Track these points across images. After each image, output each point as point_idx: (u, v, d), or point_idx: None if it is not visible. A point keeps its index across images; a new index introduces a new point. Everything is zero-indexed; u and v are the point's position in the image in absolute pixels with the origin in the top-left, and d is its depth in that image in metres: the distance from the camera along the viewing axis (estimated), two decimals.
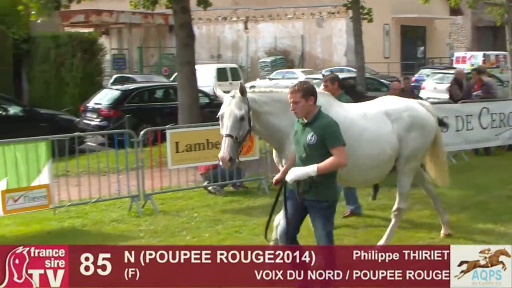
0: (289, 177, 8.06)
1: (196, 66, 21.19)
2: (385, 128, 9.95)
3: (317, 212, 8.19)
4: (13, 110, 22.96)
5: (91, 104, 25.23)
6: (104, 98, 25.22)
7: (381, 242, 10.51)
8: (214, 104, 25.17)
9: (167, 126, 15.09)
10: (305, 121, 8.16)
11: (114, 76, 38.33)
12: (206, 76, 34.22)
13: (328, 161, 7.92)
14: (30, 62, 34.25)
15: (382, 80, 34.21)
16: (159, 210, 13.83)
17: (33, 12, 21.27)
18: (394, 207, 10.74)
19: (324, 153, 7.98)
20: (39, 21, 22.48)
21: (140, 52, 52.25)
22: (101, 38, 41.74)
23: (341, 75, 34.01)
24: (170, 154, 14.39)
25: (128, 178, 13.90)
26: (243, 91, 8.76)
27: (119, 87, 26.85)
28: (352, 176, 9.78)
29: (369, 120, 9.89)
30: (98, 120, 24.35)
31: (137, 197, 14.01)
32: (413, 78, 42.29)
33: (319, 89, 9.57)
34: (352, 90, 12.99)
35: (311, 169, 7.91)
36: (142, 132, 14.46)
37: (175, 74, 27.73)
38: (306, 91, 8.07)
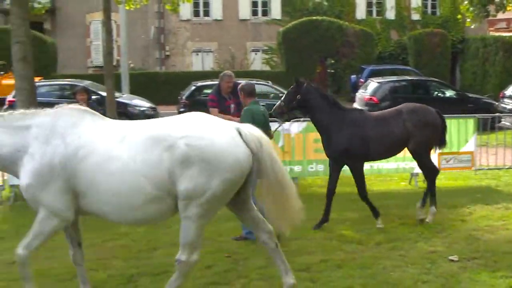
0: None
1: None
2: (146, 158, 5.70)
3: None
4: (448, 93, 23.00)
5: (508, 92, 24.25)
6: None
7: None
8: None
9: None
10: None
11: None
12: None
13: None
14: (463, 58, 34.01)
15: None
16: None
17: (468, 20, 21.05)
18: (176, 256, 5.99)
19: None
20: (472, 26, 22.22)
21: None
22: None
23: None
24: None
25: None
26: None
27: None
28: (107, 216, 5.99)
29: (125, 146, 5.78)
30: None
31: None
32: None
33: (73, 105, 6.38)
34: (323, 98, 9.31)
35: None
36: None
37: None
38: None
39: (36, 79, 12.98)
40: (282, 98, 9.57)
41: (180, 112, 20.36)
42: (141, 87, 26.25)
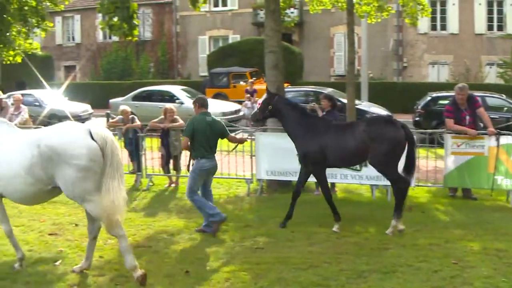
0: None
1: None
2: (25, 154, 6.96)
3: None
4: None
5: None
6: None
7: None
8: None
9: None
10: None
11: None
12: None
13: None
14: None
15: None
16: None
17: None
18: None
19: None
20: None
21: None
22: None
23: None
24: None
25: None
26: None
27: None
28: (10, 198, 7.34)
29: (18, 146, 7.10)
30: None
31: None
32: None
33: None
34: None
35: None
36: None
37: None
38: None
39: (285, 85, 13.40)
40: (258, 107, 10.09)
41: (415, 121, 19.85)
42: (379, 95, 26.07)
